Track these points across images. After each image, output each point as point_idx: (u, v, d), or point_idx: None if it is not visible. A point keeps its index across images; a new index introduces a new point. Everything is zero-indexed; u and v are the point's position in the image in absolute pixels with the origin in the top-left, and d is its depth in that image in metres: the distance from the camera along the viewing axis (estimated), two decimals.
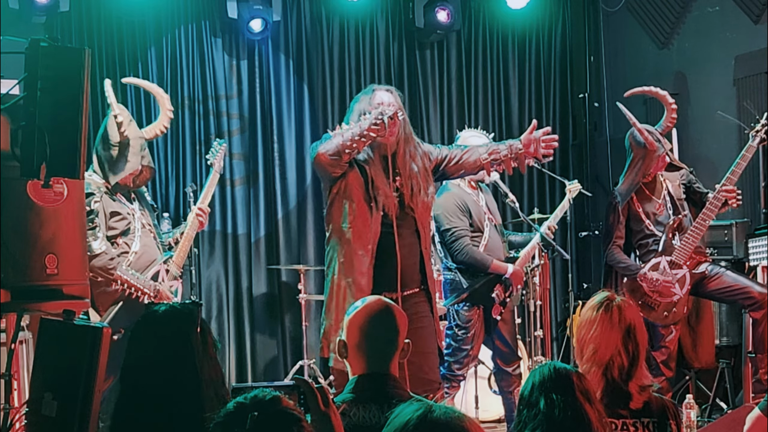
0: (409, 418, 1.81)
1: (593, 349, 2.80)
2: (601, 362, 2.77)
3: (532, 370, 2.47)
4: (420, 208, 4.31)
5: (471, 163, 4.44)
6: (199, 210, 4.89)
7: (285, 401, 1.88)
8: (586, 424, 2.27)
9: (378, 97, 4.30)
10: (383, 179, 4.22)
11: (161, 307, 2.49)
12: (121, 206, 4.52)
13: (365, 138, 4.10)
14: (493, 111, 7.67)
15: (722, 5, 6.74)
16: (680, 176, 5.39)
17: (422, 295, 4.33)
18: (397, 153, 4.27)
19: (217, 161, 5.08)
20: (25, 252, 3.22)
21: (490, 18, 7.69)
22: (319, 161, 4.22)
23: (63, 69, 3.11)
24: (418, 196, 4.29)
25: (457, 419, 1.80)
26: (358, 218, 4.20)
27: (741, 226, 6.00)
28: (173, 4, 6.81)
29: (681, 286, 5.16)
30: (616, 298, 2.89)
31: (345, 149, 4.11)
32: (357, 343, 2.68)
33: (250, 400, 1.87)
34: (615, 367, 2.78)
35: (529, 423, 2.28)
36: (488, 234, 5.19)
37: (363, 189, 4.21)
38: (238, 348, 6.92)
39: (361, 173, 4.23)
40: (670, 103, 5.29)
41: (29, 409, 3.03)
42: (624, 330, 2.81)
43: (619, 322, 2.82)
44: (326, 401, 2.21)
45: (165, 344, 2.41)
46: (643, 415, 2.76)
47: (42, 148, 3.04)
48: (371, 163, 4.24)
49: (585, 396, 2.31)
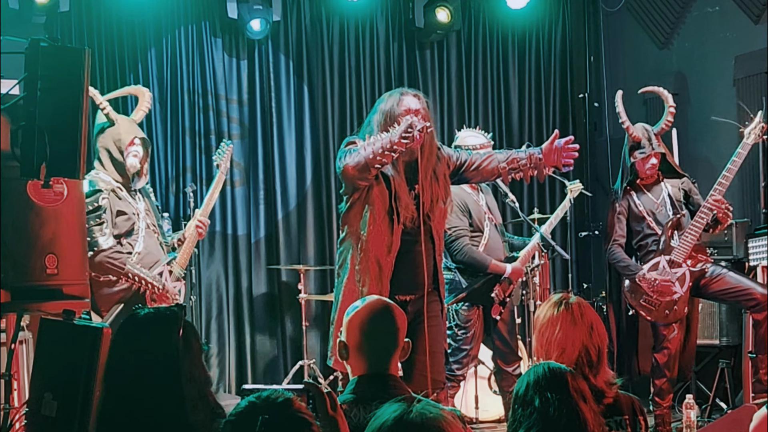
0: (386, 419, 1.82)
1: (561, 349, 2.79)
2: (570, 360, 2.76)
3: (527, 369, 2.47)
4: (437, 216, 4.26)
5: (489, 170, 4.37)
6: (199, 222, 4.91)
7: (297, 404, 1.87)
8: (581, 422, 2.27)
9: (405, 102, 4.19)
10: (406, 191, 4.16)
11: (142, 311, 2.49)
12: (127, 205, 4.53)
13: (394, 152, 3.98)
14: (493, 111, 7.67)
15: (722, 5, 6.74)
16: (680, 182, 5.40)
17: (435, 295, 4.32)
18: (420, 161, 4.15)
19: (223, 162, 5.09)
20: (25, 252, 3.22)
21: (490, 18, 7.69)
22: (347, 174, 4.10)
23: (63, 69, 3.12)
24: (436, 204, 4.24)
25: (433, 420, 1.80)
26: (378, 228, 4.13)
27: (741, 226, 6.00)
28: (173, 4, 6.81)
29: (681, 285, 5.16)
30: (571, 296, 2.90)
31: (374, 164, 4.00)
32: (357, 343, 2.68)
33: (262, 400, 1.85)
34: (585, 364, 2.78)
35: (524, 422, 2.28)
36: (488, 234, 5.20)
37: (386, 201, 4.13)
38: (238, 348, 6.92)
39: (386, 184, 4.15)
40: (671, 105, 5.31)
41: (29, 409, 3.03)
42: (588, 326, 2.81)
43: (582, 318, 2.82)
44: (334, 405, 2.21)
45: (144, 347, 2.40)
46: (614, 413, 2.76)
47: (42, 148, 3.04)
48: (395, 172, 4.16)
49: (579, 394, 2.31)
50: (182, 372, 2.37)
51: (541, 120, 7.69)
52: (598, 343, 2.81)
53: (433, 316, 4.24)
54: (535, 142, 5.85)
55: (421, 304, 4.17)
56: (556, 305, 2.87)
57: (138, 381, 2.35)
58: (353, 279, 4.17)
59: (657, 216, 5.27)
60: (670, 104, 5.31)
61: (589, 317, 2.84)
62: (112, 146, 4.53)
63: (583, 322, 2.82)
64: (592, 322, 2.83)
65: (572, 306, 2.85)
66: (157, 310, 2.51)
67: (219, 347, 6.85)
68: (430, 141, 4.18)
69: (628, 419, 2.77)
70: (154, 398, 2.32)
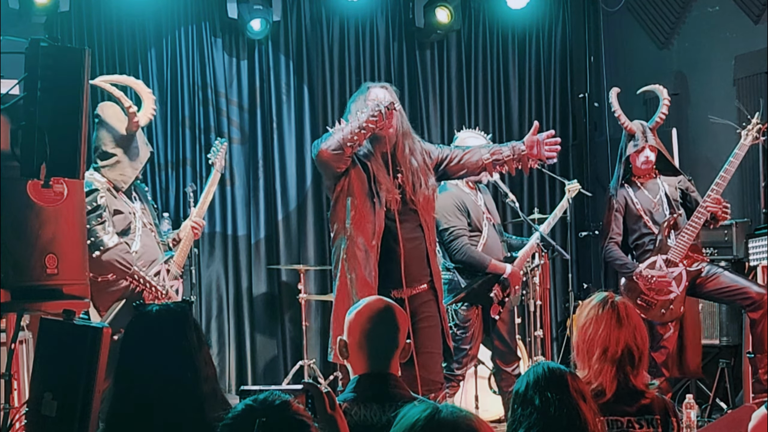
0: (417, 418, 1.79)
1: (604, 347, 2.81)
2: (614, 360, 2.79)
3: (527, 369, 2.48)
4: (422, 202, 4.32)
5: (473, 163, 4.45)
6: (194, 223, 4.91)
7: (295, 406, 1.85)
8: (581, 422, 2.27)
9: (373, 93, 4.33)
10: (385, 174, 4.24)
11: (154, 308, 2.44)
12: (123, 204, 4.51)
13: (365, 130, 4.12)
14: (493, 111, 7.67)
15: (722, 5, 6.74)
16: (677, 181, 5.41)
17: (430, 294, 4.33)
18: (397, 148, 4.29)
19: (218, 160, 5.08)
20: (25, 252, 3.22)
21: (490, 18, 7.69)
22: (322, 157, 4.23)
23: (63, 69, 3.11)
24: (420, 189, 4.30)
25: (465, 418, 1.79)
26: (361, 214, 4.21)
27: (741, 226, 6.00)
28: (173, 4, 6.81)
29: (677, 284, 5.16)
30: (615, 297, 2.92)
31: (346, 143, 4.13)
32: (358, 343, 2.68)
33: (259, 403, 1.83)
34: (627, 363, 2.80)
35: (524, 421, 2.28)
36: (487, 233, 5.20)
37: (365, 185, 4.22)
38: (238, 348, 6.92)
39: (364, 169, 4.24)
40: (665, 98, 5.33)
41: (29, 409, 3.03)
42: (633, 327, 2.84)
43: (628, 319, 2.84)
44: (333, 405, 2.21)
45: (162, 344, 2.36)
46: (647, 412, 2.78)
47: (42, 148, 3.04)
48: (372, 159, 4.26)
49: (579, 395, 2.32)
50: (199, 369, 2.34)
51: (541, 120, 7.68)
52: (641, 345, 2.84)
53: (428, 317, 4.25)
54: None
55: (416, 303, 4.18)
56: (601, 304, 2.89)
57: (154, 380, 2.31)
58: (344, 270, 4.22)
59: (654, 215, 5.28)
60: (664, 97, 5.34)
61: (634, 319, 2.87)
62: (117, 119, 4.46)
63: (629, 322, 2.84)
64: (636, 323, 2.86)
65: (618, 306, 2.87)
66: (167, 306, 2.46)
67: (219, 347, 6.84)
68: (404, 129, 4.31)
69: (659, 419, 2.79)
70: (173, 398, 2.29)
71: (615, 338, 2.81)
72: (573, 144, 7.86)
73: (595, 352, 2.82)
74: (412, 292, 4.24)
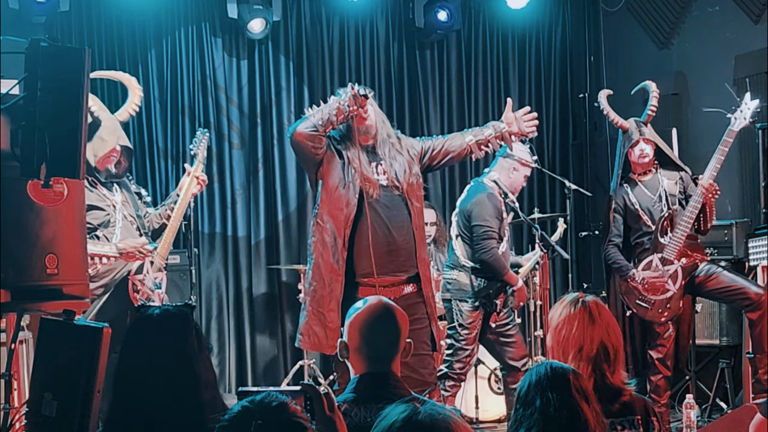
0: (394, 420, 1.79)
1: (578, 347, 2.80)
2: (590, 358, 2.77)
3: (529, 369, 2.47)
4: (407, 187, 4.33)
5: (456, 147, 4.50)
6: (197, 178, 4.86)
7: (292, 407, 1.83)
8: (582, 422, 2.27)
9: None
10: (361, 163, 4.24)
11: (155, 311, 2.41)
12: (99, 198, 4.50)
13: (339, 112, 4.15)
14: (493, 111, 7.67)
15: (722, 5, 6.74)
16: (678, 177, 5.39)
17: (416, 297, 4.33)
18: (376, 138, 4.32)
19: (200, 151, 5.05)
20: (25, 252, 3.22)
21: (490, 18, 7.69)
22: (296, 139, 4.23)
23: (63, 69, 3.11)
24: (403, 176, 4.32)
25: (443, 420, 1.78)
26: (331, 197, 4.24)
27: (741, 226, 6.00)
28: (173, 4, 6.81)
29: (674, 282, 5.15)
30: (586, 296, 2.91)
31: (320, 124, 4.16)
32: (358, 344, 2.67)
33: (256, 404, 1.81)
34: (603, 361, 2.79)
35: (525, 422, 2.28)
36: (504, 245, 5.22)
37: (338, 172, 4.24)
38: (238, 348, 6.92)
39: (339, 158, 4.26)
40: (654, 91, 5.34)
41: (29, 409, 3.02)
42: (606, 324, 2.83)
43: (600, 317, 2.83)
44: (332, 406, 2.20)
45: (163, 348, 2.34)
46: (628, 413, 2.76)
47: (42, 148, 3.04)
48: (349, 147, 4.27)
49: (581, 394, 2.31)
50: (199, 376, 2.32)
51: (541, 120, 7.67)
52: (615, 342, 2.82)
53: (417, 319, 4.24)
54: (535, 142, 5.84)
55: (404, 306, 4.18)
56: (572, 304, 2.88)
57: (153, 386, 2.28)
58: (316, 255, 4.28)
59: (653, 213, 5.26)
60: (653, 90, 5.35)
61: (606, 316, 2.86)
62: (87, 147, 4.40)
63: (601, 320, 2.83)
64: (609, 321, 2.86)
65: (589, 304, 2.86)
66: (168, 311, 2.43)
67: (219, 347, 6.85)
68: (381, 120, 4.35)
69: (640, 419, 2.77)
70: (172, 403, 2.26)
71: (589, 336, 2.80)
72: (573, 144, 7.86)
73: (570, 352, 2.80)
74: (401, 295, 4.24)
